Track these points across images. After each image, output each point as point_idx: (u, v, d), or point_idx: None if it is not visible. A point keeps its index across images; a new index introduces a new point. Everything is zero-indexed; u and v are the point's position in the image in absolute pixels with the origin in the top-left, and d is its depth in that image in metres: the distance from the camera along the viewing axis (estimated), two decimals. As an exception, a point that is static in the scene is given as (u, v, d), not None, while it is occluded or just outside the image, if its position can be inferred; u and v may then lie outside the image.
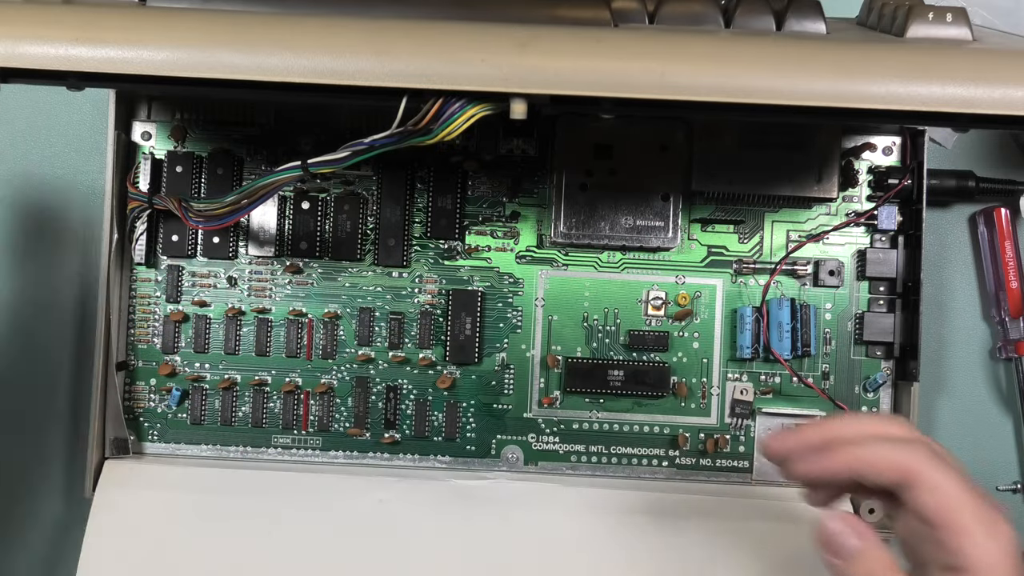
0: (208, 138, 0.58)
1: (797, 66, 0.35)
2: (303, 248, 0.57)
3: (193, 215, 0.51)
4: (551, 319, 0.58)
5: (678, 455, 0.58)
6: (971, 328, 0.61)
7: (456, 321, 0.57)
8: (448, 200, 0.57)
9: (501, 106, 0.37)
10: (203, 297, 0.57)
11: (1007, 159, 0.61)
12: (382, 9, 0.40)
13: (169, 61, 0.35)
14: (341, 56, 0.35)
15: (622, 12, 0.41)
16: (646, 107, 0.36)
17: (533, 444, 0.58)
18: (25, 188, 0.61)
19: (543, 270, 0.58)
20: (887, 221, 0.57)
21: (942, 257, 0.61)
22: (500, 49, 0.35)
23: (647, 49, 0.36)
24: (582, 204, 0.56)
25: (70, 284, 0.61)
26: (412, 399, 0.57)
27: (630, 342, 0.57)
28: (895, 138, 0.57)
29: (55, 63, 0.35)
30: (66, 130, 0.61)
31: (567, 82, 0.35)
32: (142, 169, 0.56)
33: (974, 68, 0.35)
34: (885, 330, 0.57)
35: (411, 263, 0.58)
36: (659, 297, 0.57)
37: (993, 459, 0.61)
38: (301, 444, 0.58)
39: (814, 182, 0.55)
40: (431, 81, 0.35)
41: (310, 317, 0.57)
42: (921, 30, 0.40)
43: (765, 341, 0.57)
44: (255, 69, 0.35)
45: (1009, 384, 0.61)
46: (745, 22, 0.42)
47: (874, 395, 0.58)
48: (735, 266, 0.58)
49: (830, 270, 0.57)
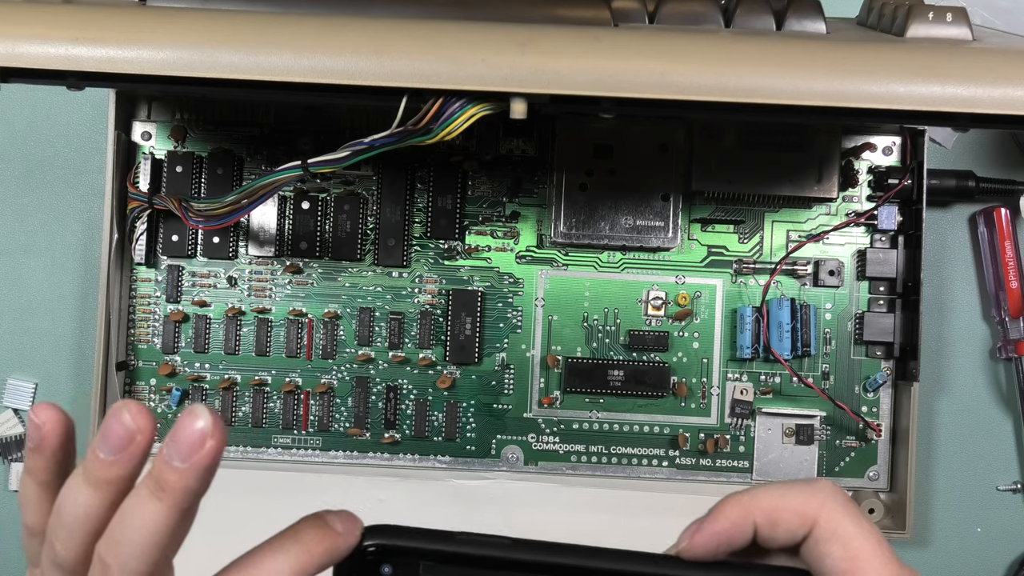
0: (208, 138, 0.58)
1: (797, 66, 0.35)
2: (303, 248, 0.57)
3: (193, 215, 0.51)
4: (551, 319, 0.58)
5: (678, 455, 0.58)
6: (971, 328, 0.61)
7: (456, 321, 0.57)
8: (448, 200, 0.57)
9: (501, 106, 0.37)
10: (203, 297, 0.57)
11: (1007, 159, 0.61)
12: (382, 9, 0.40)
13: (169, 61, 0.35)
14: (341, 56, 0.35)
15: (622, 12, 0.41)
16: (646, 107, 0.36)
17: (533, 444, 0.58)
18: (25, 188, 0.61)
19: (543, 270, 0.58)
20: (887, 221, 0.57)
21: (942, 257, 0.61)
22: (500, 49, 0.35)
23: (647, 49, 0.36)
24: (582, 204, 0.56)
25: (70, 284, 0.61)
26: (412, 399, 0.57)
27: (630, 342, 0.57)
28: (895, 138, 0.57)
29: (55, 63, 0.35)
30: (66, 130, 0.61)
31: (567, 82, 0.35)
32: (142, 169, 0.57)
33: (974, 68, 0.35)
34: (885, 330, 0.57)
35: (411, 263, 0.58)
36: (659, 297, 0.57)
37: (993, 459, 0.61)
38: (301, 444, 0.58)
39: (814, 182, 0.55)
40: (431, 81, 0.35)
41: (310, 317, 0.57)
42: (921, 30, 0.40)
43: (765, 341, 0.57)
44: (255, 69, 0.35)
45: (1009, 384, 0.61)
46: (745, 22, 0.42)
47: (874, 395, 0.58)
48: (735, 266, 0.58)
49: (830, 270, 0.57)
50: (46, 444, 0.31)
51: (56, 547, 0.30)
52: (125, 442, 0.29)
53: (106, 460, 0.30)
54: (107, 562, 0.29)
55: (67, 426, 0.32)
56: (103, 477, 0.30)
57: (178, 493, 0.29)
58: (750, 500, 0.31)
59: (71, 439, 0.32)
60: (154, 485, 0.29)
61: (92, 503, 0.30)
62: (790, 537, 0.31)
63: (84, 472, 0.30)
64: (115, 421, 0.29)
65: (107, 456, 0.30)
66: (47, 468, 0.32)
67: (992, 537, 0.60)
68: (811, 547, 0.31)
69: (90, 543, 0.30)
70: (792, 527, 0.31)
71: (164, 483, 0.29)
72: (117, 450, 0.30)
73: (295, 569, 0.31)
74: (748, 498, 0.31)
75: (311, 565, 0.31)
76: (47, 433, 0.31)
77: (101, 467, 0.30)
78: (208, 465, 0.29)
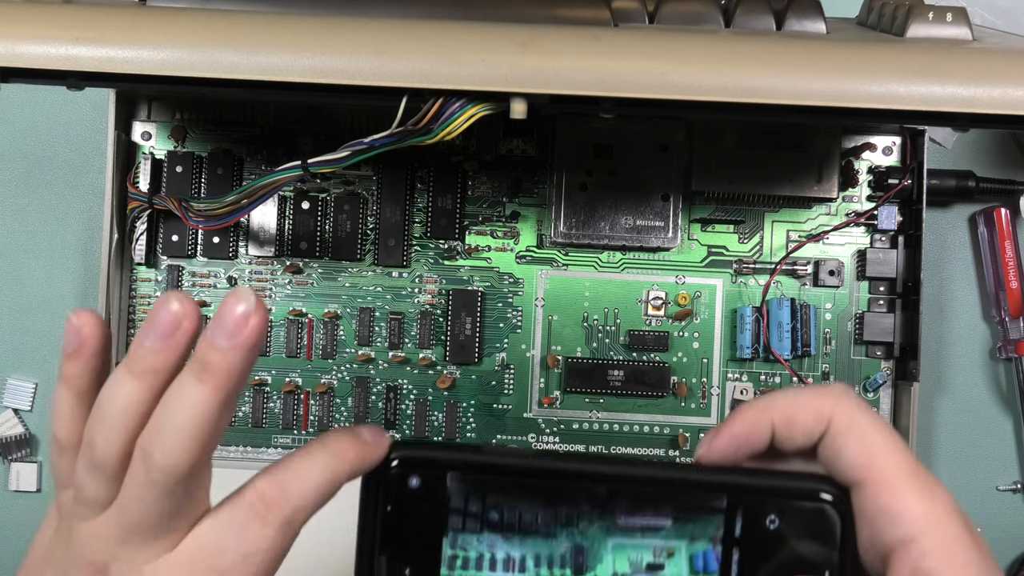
0: (208, 138, 0.58)
1: (797, 66, 0.35)
2: (303, 248, 0.57)
3: (193, 215, 0.51)
4: (551, 319, 0.58)
5: (678, 455, 0.58)
6: (971, 328, 0.61)
7: (456, 321, 0.57)
8: (448, 200, 0.57)
9: (501, 106, 0.37)
10: (203, 297, 0.57)
11: (1007, 159, 0.61)
12: (382, 9, 0.40)
13: (169, 61, 0.35)
14: (341, 56, 0.35)
15: (622, 12, 0.41)
16: (646, 107, 0.36)
17: (533, 444, 0.58)
18: (25, 188, 0.61)
19: (543, 270, 0.58)
20: (887, 221, 0.57)
21: (942, 257, 0.61)
22: (500, 49, 0.35)
23: (647, 49, 0.36)
24: (582, 204, 0.56)
25: (70, 284, 0.61)
26: (412, 399, 0.57)
27: (630, 342, 0.57)
28: (895, 138, 0.57)
29: (55, 63, 0.35)
30: (66, 130, 0.61)
31: (567, 82, 0.35)
32: (142, 169, 0.57)
33: (974, 68, 0.35)
34: (885, 330, 0.57)
35: (411, 263, 0.58)
36: (659, 297, 0.57)
37: (993, 459, 0.61)
38: (301, 444, 0.58)
39: (814, 182, 0.55)
40: (431, 81, 0.35)
41: (310, 317, 0.57)
42: (921, 30, 0.40)
43: (765, 341, 0.57)
44: (255, 69, 0.35)
45: (1009, 384, 0.61)
46: (745, 22, 0.42)
47: (874, 395, 0.58)
48: (735, 266, 0.58)
49: (830, 270, 0.57)
50: (85, 348, 0.31)
51: (96, 446, 0.30)
52: (172, 328, 0.29)
53: (152, 348, 0.30)
54: (149, 451, 0.29)
55: (105, 331, 0.32)
56: (149, 366, 0.30)
57: (223, 374, 0.29)
58: (768, 403, 0.32)
59: (108, 346, 0.32)
60: (198, 368, 0.29)
61: (136, 394, 0.30)
62: (807, 437, 0.31)
63: (128, 365, 0.30)
64: (163, 309, 0.30)
65: (154, 343, 0.30)
66: (83, 375, 0.31)
67: (992, 537, 0.60)
68: (827, 445, 0.31)
69: (131, 438, 0.30)
70: (808, 426, 0.31)
71: (209, 364, 0.29)
72: (165, 337, 0.30)
73: (325, 473, 0.31)
74: (765, 402, 0.32)
75: (341, 472, 0.32)
76: (86, 336, 0.31)
77: (147, 355, 0.30)
78: (253, 344, 0.29)
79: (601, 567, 0.32)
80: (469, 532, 0.32)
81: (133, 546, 0.30)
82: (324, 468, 0.31)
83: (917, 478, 0.30)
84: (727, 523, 0.32)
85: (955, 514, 0.30)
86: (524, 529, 0.32)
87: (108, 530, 0.30)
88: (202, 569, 0.30)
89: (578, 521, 0.32)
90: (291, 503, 0.31)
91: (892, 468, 0.30)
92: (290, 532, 0.31)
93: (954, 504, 0.30)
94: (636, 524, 0.33)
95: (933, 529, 0.30)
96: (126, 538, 0.30)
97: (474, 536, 0.32)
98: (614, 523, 0.32)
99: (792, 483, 0.32)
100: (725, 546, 0.32)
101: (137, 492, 0.29)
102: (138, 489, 0.29)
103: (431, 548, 0.33)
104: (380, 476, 0.33)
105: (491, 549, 0.32)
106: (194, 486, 0.30)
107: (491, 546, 0.32)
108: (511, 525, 0.32)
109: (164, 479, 0.29)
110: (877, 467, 0.30)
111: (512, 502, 0.32)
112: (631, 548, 0.32)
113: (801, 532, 0.32)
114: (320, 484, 0.31)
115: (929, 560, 0.29)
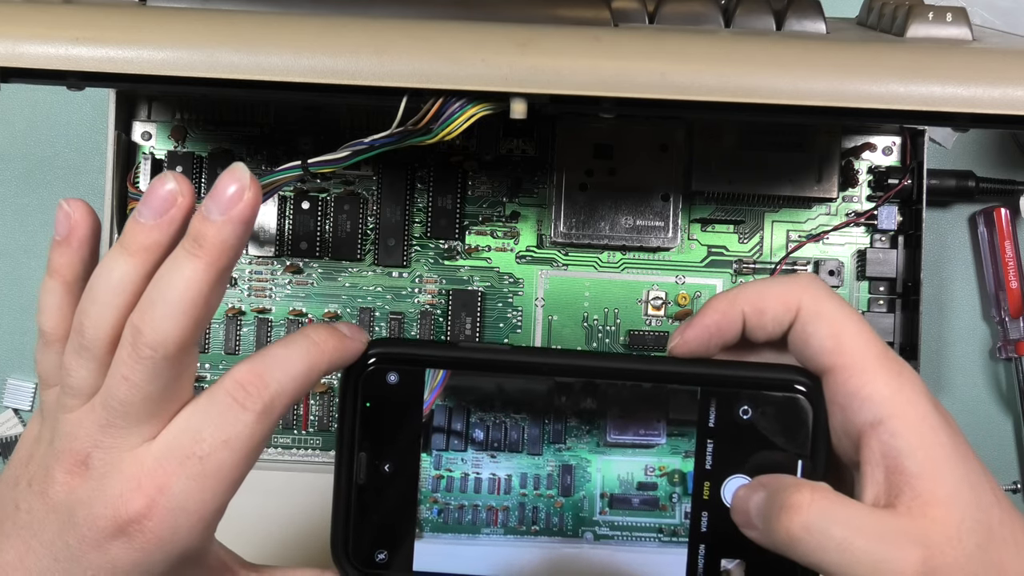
0: (208, 138, 0.58)
1: (797, 66, 0.35)
2: (303, 248, 0.57)
3: (193, 215, 0.51)
4: (551, 319, 0.58)
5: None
6: (971, 328, 0.61)
7: (456, 321, 0.57)
8: (448, 200, 0.57)
9: (501, 106, 0.37)
10: (203, 297, 0.57)
11: (1007, 159, 0.61)
12: (382, 9, 0.40)
13: (169, 61, 0.35)
14: (341, 56, 0.35)
15: (622, 12, 0.41)
16: (646, 107, 0.36)
17: (533, 444, 0.58)
18: (25, 188, 0.61)
19: (543, 270, 0.58)
20: (887, 221, 0.57)
21: (942, 257, 0.61)
22: (500, 49, 0.35)
23: (647, 49, 0.36)
24: (582, 204, 0.56)
25: (70, 284, 0.61)
26: (412, 399, 0.57)
27: (630, 342, 0.57)
28: (895, 138, 0.57)
29: (55, 63, 0.35)
30: (66, 130, 0.61)
31: (567, 82, 0.35)
32: (142, 169, 0.57)
33: (974, 68, 0.35)
34: (885, 330, 0.57)
35: (411, 263, 0.58)
36: (659, 297, 0.57)
37: (993, 459, 0.61)
38: (301, 444, 0.58)
39: (814, 182, 0.55)
40: (431, 81, 0.35)
41: (310, 317, 0.58)
42: (921, 30, 0.40)
43: (765, 341, 0.57)
44: (255, 69, 0.35)
45: (1009, 384, 0.61)
46: (745, 22, 0.42)
47: (874, 395, 0.58)
48: (735, 266, 0.58)
49: (830, 270, 0.57)
50: (75, 235, 0.31)
51: (85, 328, 0.30)
52: (168, 204, 0.30)
53: (147, 224, 0.30)
54: (139, 327, 0.29)
55: (96, 220, 0.32)
56: (143, 243, 0.30)
57: (216, 248, 0.29)
58: (737, 293, 0.33)
59: (98, 235, 0.32)
60: (191, 243, 0.29)
61: (129, 272, 0.30)
62: (777, 325, 0.32)
63: (122, 243, 0.30)
64: (158, 186, 0.30)
65: (148, 220, 0.30)
66: (72, 264, 0.31)
67: (992, 537, 0.60)
68: (797, 332, 0.31)
69: (122, 319, 0.30)
70: (778, 314, 0.32)
71: (202, 238, 0.29)
72: (159, 213, 0.30)
73: (304, 362, 0.31)
74: (735, 292, 0.33)
75: (320, 362, 0.32)
76: (76, 223, 0.31)
77: (141, 232, 0.30)
78: (247, 218, 0.29)
79: (589, 486, 0.32)
80: (453, 451, 0.32)
81: (116, 432, 0.30)
82: (303, 357, 0.31)
83: (885, 360, 0.30)
84: (700, 414, 0.32)
85: (923, 394, 0.31)
86: (510, 448, 0.32)
87: (92, 416, 0.30)
88: (182, 455, 0.30)
89: (565, 438, 0.32)
90: (270, 389, 0.31)
91: (860, 352, 0.30)
92: (269, 419, 0.31)
93: (922, 385, 0.31)
94: (626, 441, 0.33)
95: (902, 410, 0.30)
96: (110, 422, 0.30)
97: (458, 455, 0.32)
98: (603, 440, 0.32)
99: (764, 373, 0.33)
100: (699, 437, 0.32)
101: (125, 371, 0.29)
102: (126, 368, 0.29)
103: (410, 445, 0.32)
104: (359, 372, 0.32)
105: (475, 469, 0.32)
106: (180, 369, 0.30)
107: (475, 465, 0.32)
108: (496, 442, 0.32)
109: (152, 355, 0.29)
110: (845, 352, 0.30)
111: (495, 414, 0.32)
112: (621, 467, 0.32)
113: (774, 421, 0.32)
114: (298, 373, 0.31)
115: (899, 440, 0.30)
